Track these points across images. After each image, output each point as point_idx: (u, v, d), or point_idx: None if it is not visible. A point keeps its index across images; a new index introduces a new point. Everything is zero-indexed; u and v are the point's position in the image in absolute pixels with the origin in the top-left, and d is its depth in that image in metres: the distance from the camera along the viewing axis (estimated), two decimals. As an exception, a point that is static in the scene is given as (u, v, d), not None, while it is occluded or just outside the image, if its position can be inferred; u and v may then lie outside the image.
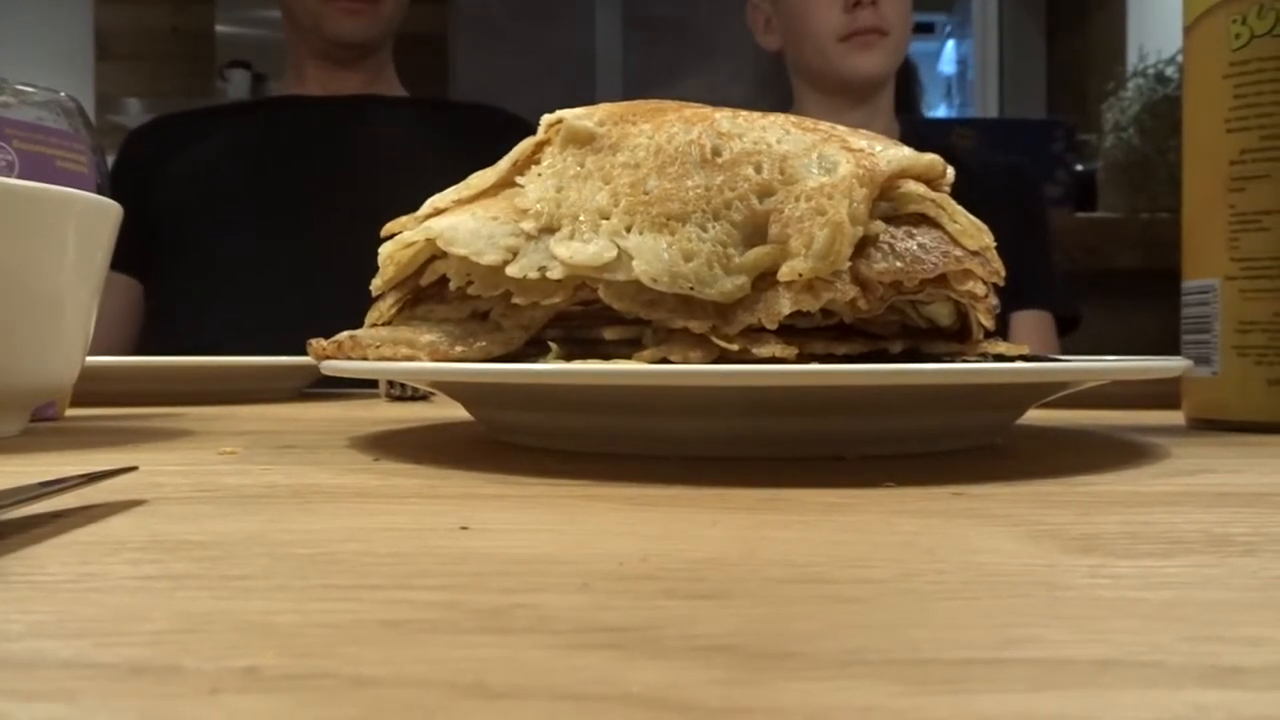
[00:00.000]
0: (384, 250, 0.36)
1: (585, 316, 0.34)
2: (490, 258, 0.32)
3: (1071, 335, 1.25)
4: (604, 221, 0.32)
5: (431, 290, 0.37)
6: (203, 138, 1.19)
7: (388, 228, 0.38)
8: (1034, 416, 0.49)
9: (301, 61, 1.20)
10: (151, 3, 2.81)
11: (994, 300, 0.34)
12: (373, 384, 0.75)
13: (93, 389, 0.55)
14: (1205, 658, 0.13)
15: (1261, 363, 0.43)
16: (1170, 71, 1.89)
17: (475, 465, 0.31)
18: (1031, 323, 1.21)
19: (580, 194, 0.33)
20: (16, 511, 0.22)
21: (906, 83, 1.84)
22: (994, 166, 1.27)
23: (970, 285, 0.32)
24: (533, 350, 0.34)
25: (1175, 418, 0.49)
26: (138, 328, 1.17)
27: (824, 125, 0.34)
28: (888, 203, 0.32)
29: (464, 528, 0.21)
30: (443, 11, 2.64)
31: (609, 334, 0.33)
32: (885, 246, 0.31)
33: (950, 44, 3.54)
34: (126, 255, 0.39)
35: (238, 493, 0.26)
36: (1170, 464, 0.32)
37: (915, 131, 1.29)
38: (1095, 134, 2.16)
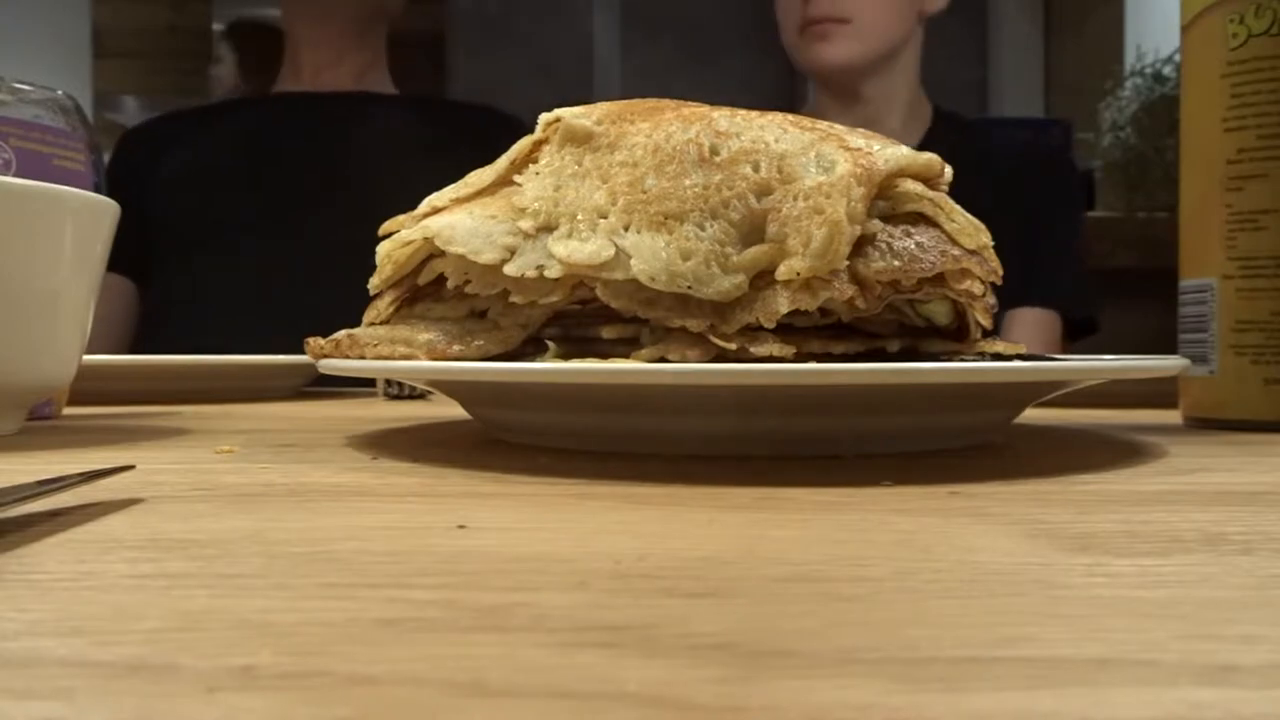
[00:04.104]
0: (382, 249, 0.36)
1: (583, 315, 0.34)
2: (488, 256, 0.32)
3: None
4: (602, 220, 0.32)
5: (429, 289, 0.37)
6: (197, 137, 1.19)
7: (385, 226, 0.38)
8: (1031, 415, 0.49)
9: (298, 52, 1.20)
10: (149, 0, 2.80)
11: (991, 299, 0.34)
12: (370, 383, 0.75)
13: (90, 387, 0.55)
14: (1201, 656, 0.13)
15: (1258, 362, 0.43)
16: (1168, 71, 1.89)
17: (473, 464, 0.31)
18: (1030, 321, 1.17)
19: (578, 193, 0.33)
20: (13, 510, 0.22)
21: None
22: (1031, 151, 1.25)
23: (968, 284, 0.32)
24: (530, 349, 0.34)
25: (1172, 417, 0.49)
26: (132, 329, 1.17)
27: (821, 124, 0.34)
28: (885, 201, 0.32)
29: (461, 526, 0.21)
30: (440, 10, 2.63)
31: (607, 333, 0.33)
32: (883, 245, 0.31)
33: (948, 43, 3.53)
34: (120, 256, 0.39)
35: (235, 491, 0.26)
36: (1167, 463, 0.32)
37: (958, 125, 1.27)
38: (1093, 133, 2.16)
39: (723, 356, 0.30)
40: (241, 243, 1.12)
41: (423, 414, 0.53)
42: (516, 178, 0.35)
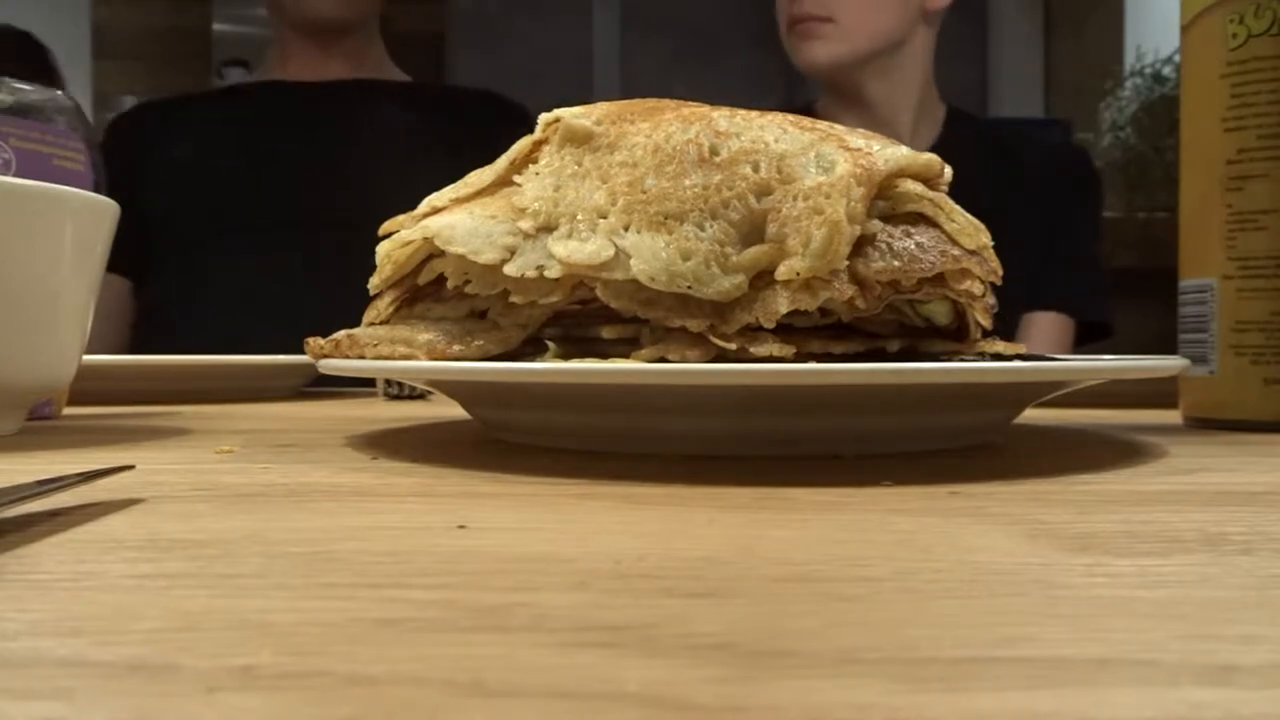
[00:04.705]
0: (381, 248, 0.36)
1: (583, 315, 0.34)
2: (488, 256, 0.32)
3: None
4: (601, 220, 0.32)
5: (429, 289, 0.37)
6: (188, 127, 1.17)
7: (385, 226, 0.38)
8: (1031, 415, 0.49)
9: (285, 45, 1.20)
10: (149, 1, 2.81)
11: (991, 299, 0.34)
12: (370, 383, 0.75)
13: (90, 387, 0.55)
14: (1201, 656, 0.13)
15: (1258, 362, 0.43)
16: (1167, 71, 1.89)
17: (473, 464, 0.31)
18: (1046, 325, 1.16)
19: (578, 193, 0.33)
20: (13, 510, 0.22)
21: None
22: (1051, 153, 1.24)
23: (968, 284, 0.32)
24: (530, 349, 0.34)
25: (1172, 417, 0.49)
26: (127, 326, 1.16)
27: (821, 124, 0.34)
28: (885, 202, 0.32)
29: (461, 526, 0.21)
30: (440, 10, 2.64)
31: (606, 333, 0.33)
32: (883, 245, 0.31)
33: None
34: (115, 253, 0.39)
35: (235, 491, 0.26)
36: (1167, 463, 0.32)
37: (974, 126, 1.26)
38: (1093, 133, 2.16)
39: (723, 356, 0.30)
40: (241, 241, 1.11)
41: (423, 414, 0.53)
42: (516, 178, 0.35)
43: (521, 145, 0.36)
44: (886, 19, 1.13)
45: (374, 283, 0.37)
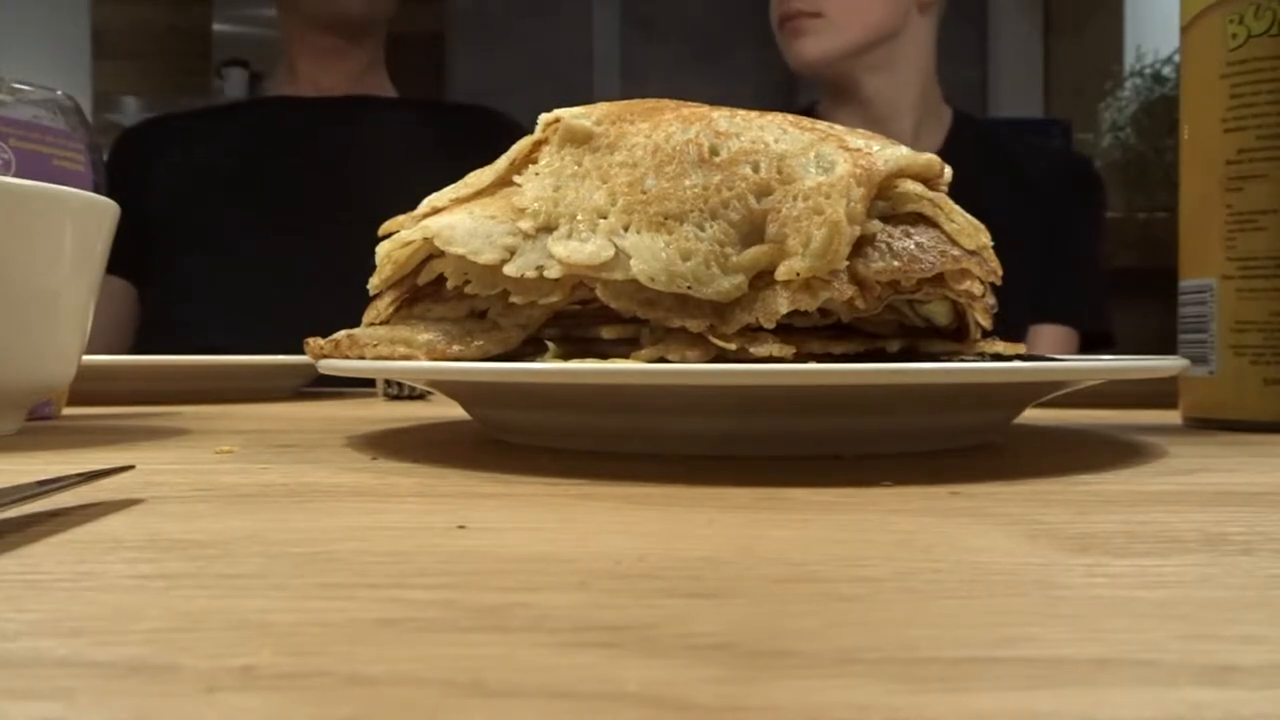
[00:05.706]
0: (381, 249, 0.36)
1: (583, 315, 0.34)
2: (488, 256, 0.32)
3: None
4: (601, 220, 0.32)
5: (429, 289, 0.37)
6: (195, 139, 1.19)
7: (385, 226, 0.38)
8: (1031, 416, 0.49)
9: (294, 55, 1.20)
10: (149, 1, 2.81)
11: (991, 299, 0.34)
12: (370, 383, 0.75)
13: (90, 388, 0.55)
14: (1201, 656, 0.13)
15: (1258, 362, 0.43)
16: (1167, 71, 1.89)
17: (473, 464, 0.31)
18: (1049, 338, 1.16)
19: (578, 193, 0.33)
20: (13, 510, 0.22)
21: None
22: (1058, 163, 1.23)
23: (967, 285, 0.32)
24: (530, 349, 0.34)
25: (1172, 417, 0.49)
26: (132, 332, 1.16)
27: (821, 124, 0.34)
28: (885, 202, 0.32)
29: (461, 526, 0.21)
30: (440, 10, 2.64)
31: (606, 333, 0.33)
32: (882, 246, 0.31)
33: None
34: (120, 258, 0.38)
35: (234, 492, 0.26)
36: (1167, 463, 0.32)
37: (980, 132, 1.25)
38: (1092, 133, 2.16)
39: (723, 356, 0.30)
40: (241, 244, 1.12)
41: (423, 414, 0.53)
42: (516, 178, 0.35)
43: (521, 145, 0.36)
44: (877, 10, 1.12)
45: (374, 283, 0.37)
